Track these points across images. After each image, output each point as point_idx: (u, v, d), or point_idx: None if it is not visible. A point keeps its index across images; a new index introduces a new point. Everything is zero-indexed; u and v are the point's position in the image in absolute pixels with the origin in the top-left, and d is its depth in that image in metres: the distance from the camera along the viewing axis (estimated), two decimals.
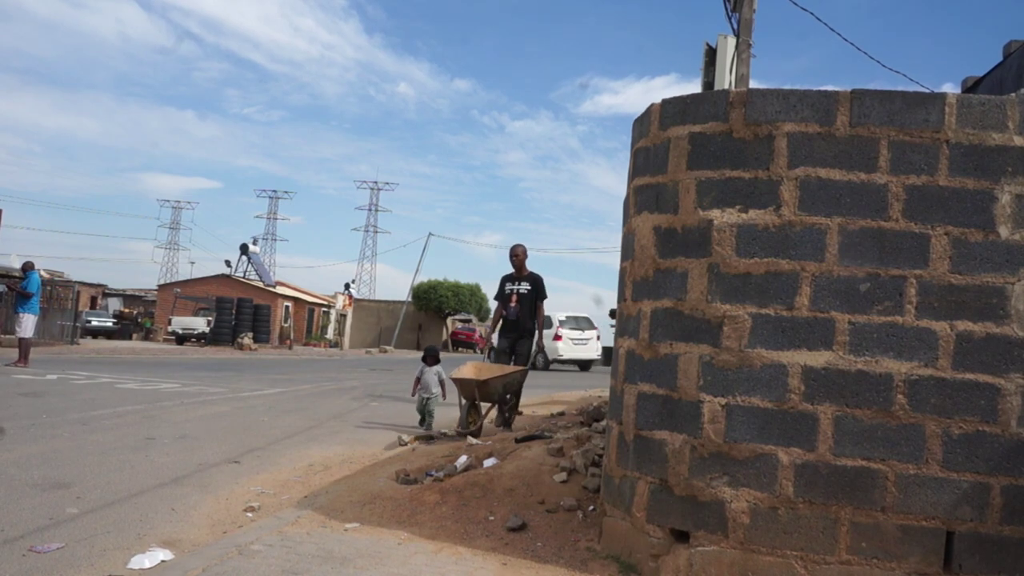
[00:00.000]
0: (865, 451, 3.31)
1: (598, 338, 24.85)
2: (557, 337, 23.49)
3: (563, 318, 24.54)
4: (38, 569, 3.46)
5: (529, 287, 8.39)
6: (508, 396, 7.72)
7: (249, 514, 4.61)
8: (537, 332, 8.46)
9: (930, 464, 3.26)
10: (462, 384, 7.46)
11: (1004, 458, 3.23)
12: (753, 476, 3.39)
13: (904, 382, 3.30)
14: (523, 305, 8.36)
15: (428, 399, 8.34)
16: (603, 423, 6.01)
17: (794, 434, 3.37)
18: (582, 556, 3.86)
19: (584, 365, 25.17)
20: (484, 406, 7.61)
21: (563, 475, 4.96)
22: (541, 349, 8.84)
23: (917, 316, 3.32)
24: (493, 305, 8.99)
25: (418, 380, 8.49)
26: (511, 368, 7.80)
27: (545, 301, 8.63)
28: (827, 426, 3.34)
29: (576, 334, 24.07)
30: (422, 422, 8.31)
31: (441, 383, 8.44)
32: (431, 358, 8.59)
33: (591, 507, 4.46)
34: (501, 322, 8.57)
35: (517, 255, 8.53)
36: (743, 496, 3.40)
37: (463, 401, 7.50)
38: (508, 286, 8.51)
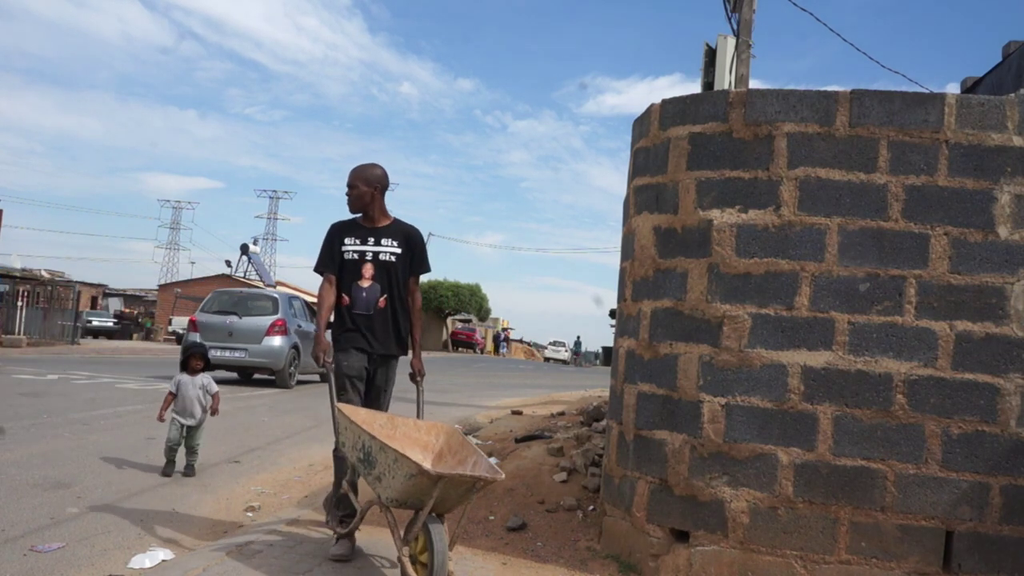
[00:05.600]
0: (865, 451, 3.31)
1: (565, 350, 50.49)
2: (548, 347, 50.23)
3: (550, 341, 54.74)
4: (39, 568, 3.46)
5: (398, 248, 4.00)
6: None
7: (249, 514, 4.62)
8: (413, 342, 4.11)
9: (929, 464, 3.27)
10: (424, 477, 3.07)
11: (1003, 458, 3.24)
12: (753, 476, 3.39)
13: (904, 382, 3.31)
14: (389, 283, 3.98)
15: (190, 428, 5.52)
16: (603, 423, 6.02)
17: (794, 434, 3.37)
18: (582, 556, 3.86)
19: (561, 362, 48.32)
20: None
21: (563, 475, 4.97)
22: (418, 378, 4.08)
23: (917, 316, 3.32)
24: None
25: (172, 396, 5.58)
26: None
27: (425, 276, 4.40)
28: (827, 426, 3.34)
29: (555, 348, 52.95)
30: (169, 465, 5.47)
31: (213, 398, 5.66)
32: (195, 359, 5.72)
33: (591, 507, 4.46)
34: (339, 314, 4.01)
35: (356, 186, 4.00)
36: (743, 496, 3.40)
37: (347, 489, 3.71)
38: (350, 244, 4.00)
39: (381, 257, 3.97)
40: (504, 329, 60.29)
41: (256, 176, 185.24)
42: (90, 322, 34.86)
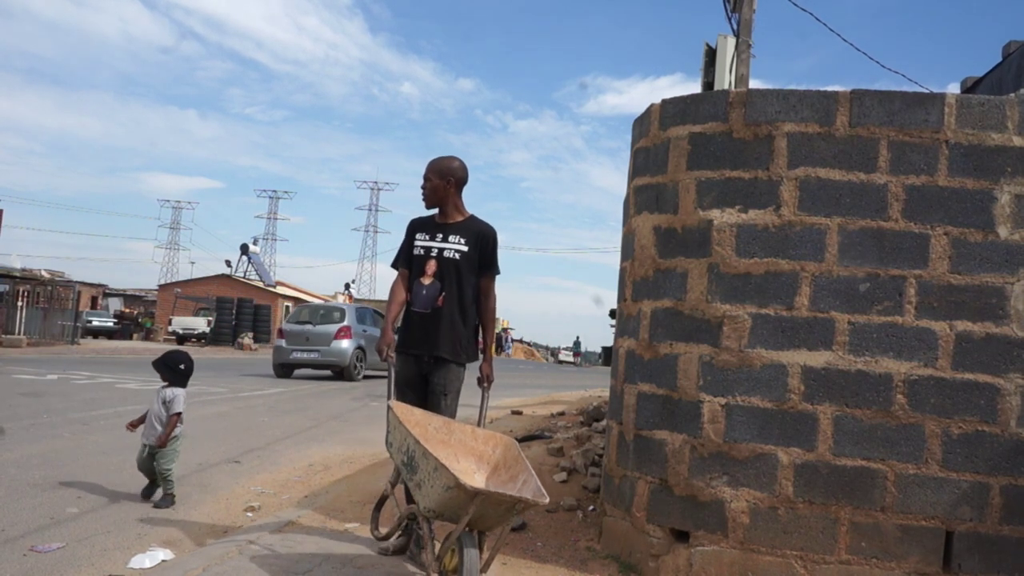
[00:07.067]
0: (865, 451, 3.31)
1: (573, 354, 58.28)
2: (560, 351, 61.67)
3: (563, 346, 63.20)
4: (39, 569, 3.46)
5: (465, 246, 3.82)
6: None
7: (249, 514, 4.62)
8: (485, 348, 4.01)
9: (930, 464, 3.27)
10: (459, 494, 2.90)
11: (1003, 458, 3.24)
12: (753, 476, 3.39)
13: (904, 382, 3.30)
14: (451, 282, 3.80)
15: (161, 453, 4.69)
16: (603, 423, 6.02)
17: (794, 434, 3.37)
18: (582, 556, 3.86)
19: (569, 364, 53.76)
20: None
21: (563, 475, 4.97)
22: (485, 384, 3.90)
23: (917, 316, 3.32)
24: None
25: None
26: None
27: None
28: (827, 426, 3.34)
29: (566, 353, 60.56)
30: (152, 487, 4.80)
31: (169, 420, 4.73)
32: (171, 372, 4.89)
33: (591, 507, 4.46)
34: (403, 312, 3.89)
35: (429, 179, 3.87)
36: (743, 496, 3.40)
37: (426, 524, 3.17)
38: (420, 240, 3.90)
39: (445, 254, 3.80)
40: (504, 329, 60.41)
41: (256, 176, 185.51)
42: (90, 322, 34.87)
